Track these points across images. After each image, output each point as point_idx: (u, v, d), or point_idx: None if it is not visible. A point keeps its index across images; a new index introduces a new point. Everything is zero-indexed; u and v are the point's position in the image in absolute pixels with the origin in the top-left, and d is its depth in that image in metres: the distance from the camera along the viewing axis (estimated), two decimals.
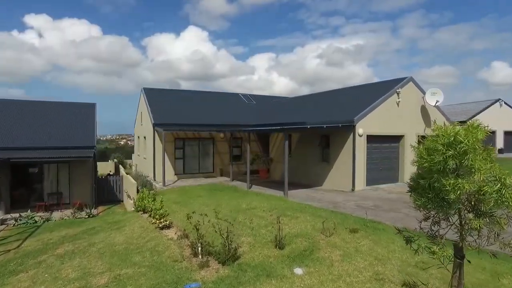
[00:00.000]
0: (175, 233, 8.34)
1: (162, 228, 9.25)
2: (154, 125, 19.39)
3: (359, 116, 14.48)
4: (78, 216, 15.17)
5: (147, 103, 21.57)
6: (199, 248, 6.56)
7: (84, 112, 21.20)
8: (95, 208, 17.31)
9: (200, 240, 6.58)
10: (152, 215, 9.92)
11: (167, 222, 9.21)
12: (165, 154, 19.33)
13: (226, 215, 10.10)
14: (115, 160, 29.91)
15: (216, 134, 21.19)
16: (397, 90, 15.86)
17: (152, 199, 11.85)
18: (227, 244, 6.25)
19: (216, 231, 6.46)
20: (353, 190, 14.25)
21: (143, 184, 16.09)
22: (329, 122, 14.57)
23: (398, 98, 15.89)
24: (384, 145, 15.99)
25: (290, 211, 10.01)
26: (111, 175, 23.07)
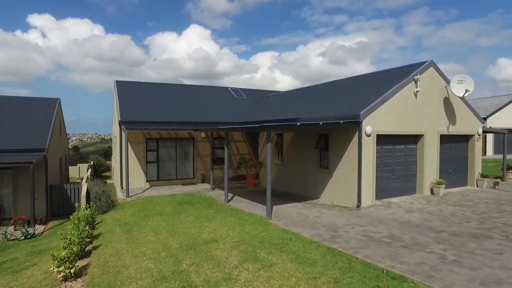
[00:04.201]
0: None
1: (66, 279, 6.05)
2: (121, 122, 16.18)
3: (367, 110, 11.13)
4: (11, 238, 12.05)
5: (117, 97, 18.40)
6: None
7: (41, 109, 18.08)
8: (44, 224, 14.26)
9: None
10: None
11: (72, 271, 5.98)
12: (133, 157, 16.18)
13: (171, 254, 6.87)
14: (92, 161, 26.75)
15: (196, 134, 17.99)
16: (414, 78, 12.45)
17: (84, 222, 8.66)
18: None
19: None
20: (358, 206, 10.93)
21: (97, 195, 12.90)
22: (327, 117, 11.17)
23: (416, 87, 12.49)
24: (399, 147, 12.61)
25: (264, 249, 6.71)
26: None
